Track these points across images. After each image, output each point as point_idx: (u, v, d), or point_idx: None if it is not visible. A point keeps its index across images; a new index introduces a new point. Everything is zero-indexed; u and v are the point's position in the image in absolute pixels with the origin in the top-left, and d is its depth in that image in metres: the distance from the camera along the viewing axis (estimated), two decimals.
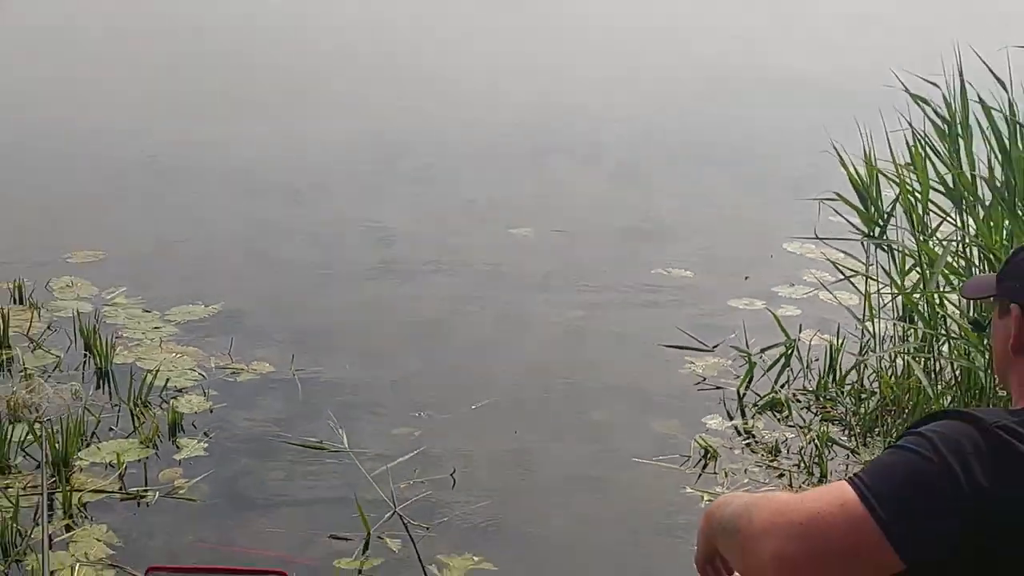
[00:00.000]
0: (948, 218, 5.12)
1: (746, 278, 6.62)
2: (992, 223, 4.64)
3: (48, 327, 5.80)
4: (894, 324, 5.50)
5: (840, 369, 5.40)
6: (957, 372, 4.66)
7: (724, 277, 6.62)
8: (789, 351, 5.43)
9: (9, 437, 4.61)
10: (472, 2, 15.80)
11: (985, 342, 4.25)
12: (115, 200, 7.88)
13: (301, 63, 11.86)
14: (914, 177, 5.27)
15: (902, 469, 1.54)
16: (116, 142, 9.05)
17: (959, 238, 4.87)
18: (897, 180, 5.37)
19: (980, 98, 4.83)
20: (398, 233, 7.31)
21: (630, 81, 11.74)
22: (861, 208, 5.57)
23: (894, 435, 4.82)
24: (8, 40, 12.83)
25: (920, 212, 5.17)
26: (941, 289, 4.79)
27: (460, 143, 9.30)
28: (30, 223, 7.30)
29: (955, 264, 4.73)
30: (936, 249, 4.86)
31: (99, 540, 4.08)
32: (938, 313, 4.84)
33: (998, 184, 4.65)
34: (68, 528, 4.17)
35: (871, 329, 5.41)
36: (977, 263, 4.68)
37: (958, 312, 4.75)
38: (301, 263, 6.87)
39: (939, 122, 5.09)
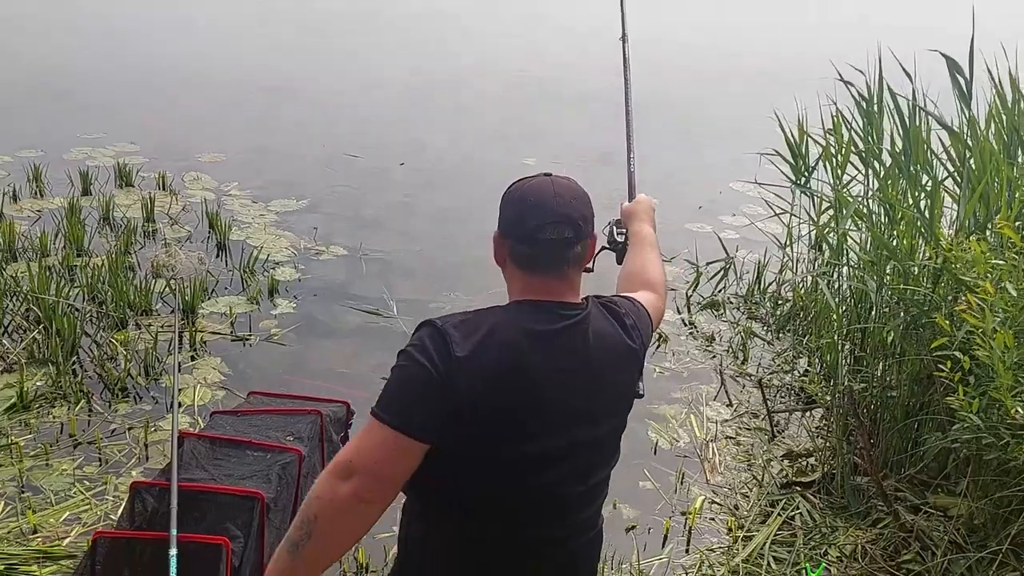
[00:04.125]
0: (859, 174, 5.02)
1: (700, 207, 6.57)
2: (890, 181, 4.55)
3: (183, 208, 5.82)
4: (807, 251, 5.47)
5: (764, 281, 5.40)
6: (852, 290, 4.64)
7: (683, 205, 6.56)
8: (727, 265, 5.42)
9: (152, 288, 4.68)
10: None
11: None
12: (235, 117, 7.83)
13: (360, 28, 11.60)
14: (834, 141, 5.16)
15: (393, 381, 1.58)
16: (239, 76, 8.95)
17: (865, 191, 4.77)
18: (822, 143, 5.27)
19: (890, 87, 4.70)
20: (430, 150, 7.29)
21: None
22: (792, 162, 5.49)
23: (800, 332, 4.85)
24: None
25: (837, 168, 5.07)
26: (848, 228, 4.71)
27: (477, 95, 9.12)
28: (173, 131, 7.26)
29: (861, 210, 4.66)
30: (847, 198, 4.77)
31: (214, 369, 4.17)
32: (842, 246, 4.77)
33: (897, 151, 4.54)
34: (192, 358, 4.25)
35: (790, 253, 5.39)
36: (876, 210, 4.59)
37: (857, 247, 4.67)
38: (364, 171, 6.86)
39: (860, 101, 4.97)
